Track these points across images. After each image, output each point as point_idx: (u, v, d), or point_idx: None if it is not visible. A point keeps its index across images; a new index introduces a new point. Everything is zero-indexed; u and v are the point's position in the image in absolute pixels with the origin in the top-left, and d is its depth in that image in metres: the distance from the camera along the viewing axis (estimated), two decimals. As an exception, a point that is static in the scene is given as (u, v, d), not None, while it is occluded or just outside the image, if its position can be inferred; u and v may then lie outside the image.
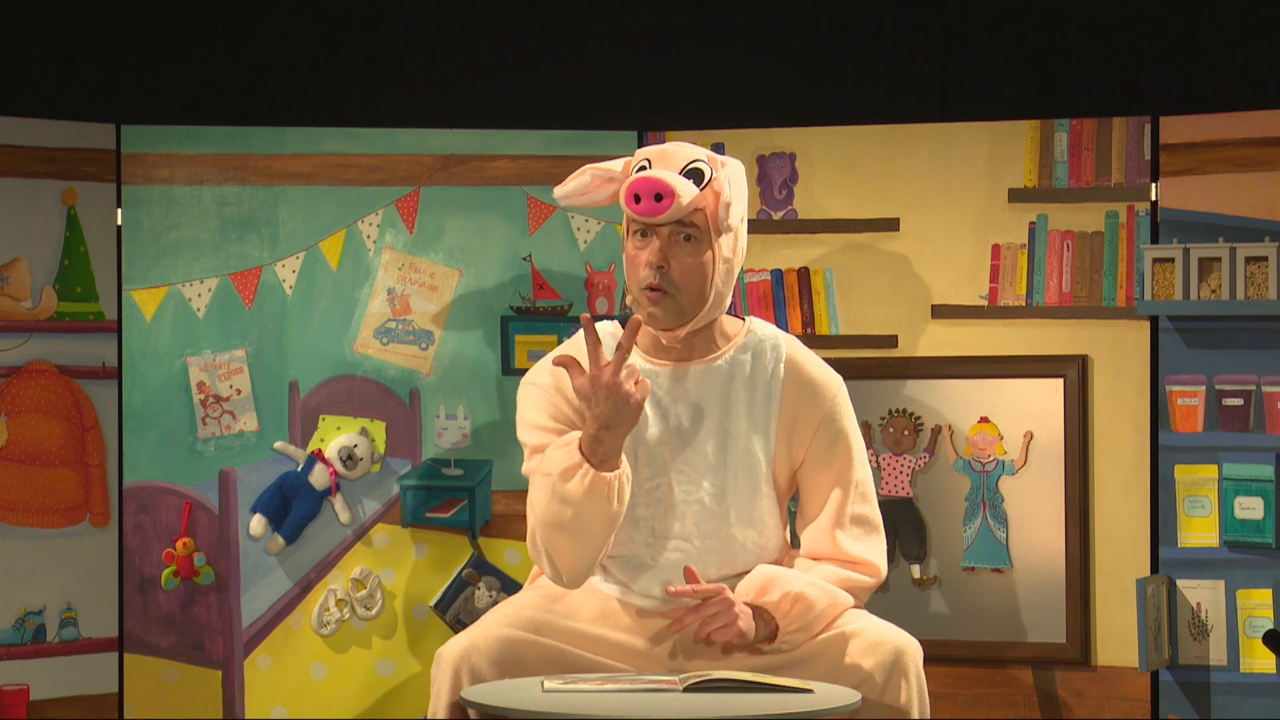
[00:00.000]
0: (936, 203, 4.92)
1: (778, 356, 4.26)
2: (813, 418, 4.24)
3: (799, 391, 4.24)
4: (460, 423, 4.99)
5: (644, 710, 3.71)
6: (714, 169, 4.16)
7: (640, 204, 4.09)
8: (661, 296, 4.14)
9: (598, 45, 5.52)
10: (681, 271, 4.14)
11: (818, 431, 4.24)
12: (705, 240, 4.15)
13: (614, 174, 4.25)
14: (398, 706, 4.97)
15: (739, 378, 4.23)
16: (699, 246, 4.15)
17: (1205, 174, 4.75)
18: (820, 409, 4.25)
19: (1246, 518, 4.71)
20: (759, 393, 4.23)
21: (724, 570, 4.22)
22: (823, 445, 4.24)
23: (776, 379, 4.24)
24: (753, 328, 4.28)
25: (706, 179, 4.14)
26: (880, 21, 5.48)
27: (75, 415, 4.92)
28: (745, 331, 4.28)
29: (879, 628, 4.10)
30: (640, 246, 4.16)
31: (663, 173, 4.12)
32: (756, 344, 4.26)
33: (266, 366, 4.97)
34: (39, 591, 4.87)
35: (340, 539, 4.99)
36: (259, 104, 5.41)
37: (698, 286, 4.16)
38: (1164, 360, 4.78)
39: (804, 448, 4.25)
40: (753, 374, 4.24)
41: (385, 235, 5.01)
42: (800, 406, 4.24)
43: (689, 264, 4.14)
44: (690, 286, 4.15)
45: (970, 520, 4.89)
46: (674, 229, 4.14)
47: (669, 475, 4.20)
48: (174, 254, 4.96)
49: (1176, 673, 4.78)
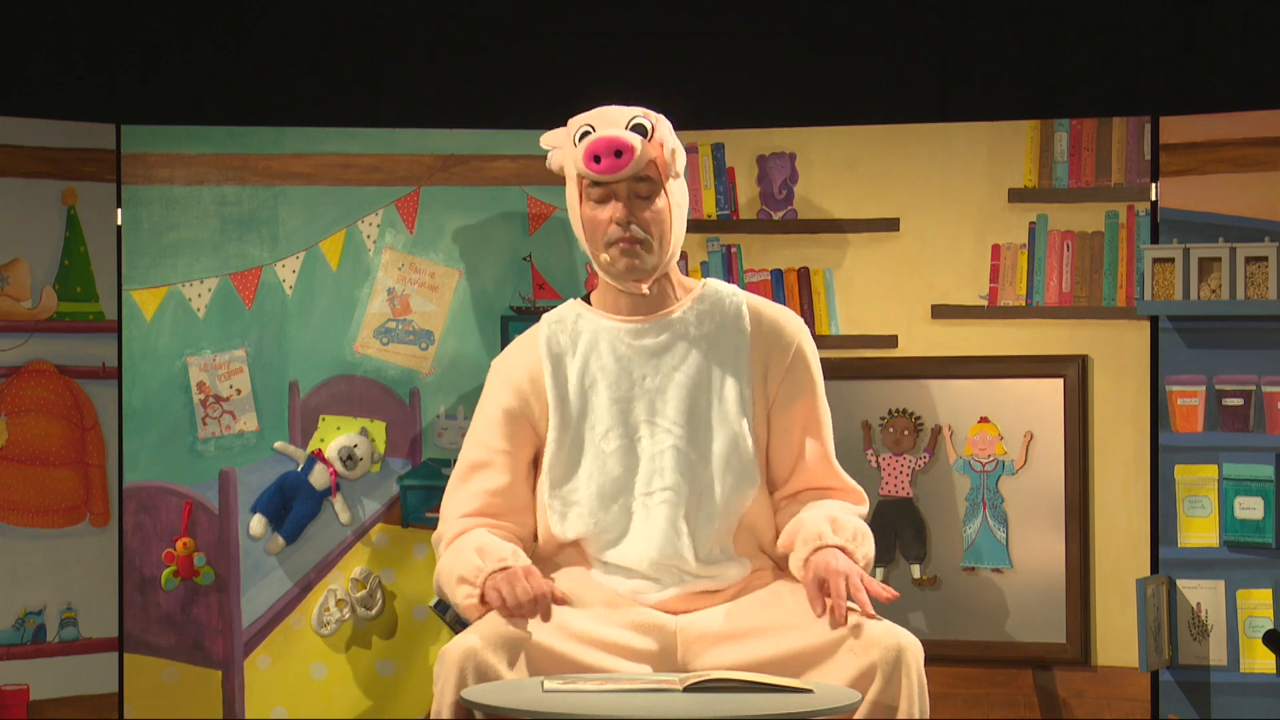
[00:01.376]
0: (936, 203, 4.92)
1: (738, 302, 4.41)
2: (782, 357, 4.38)
3: (764, 330, 4.38)
4: (460, 423, 4.99)
5: (644, 710, 3.71)
6: (652, 121, 4.36)
7: (601, 163, 4.28)
8: (635, 246, 4.31)
9: (598, 45, 5.52)
10: (647, 221, 4.32)
11: (787, 370, 4.38)
12: (659, 187, 4.33)
13: (559, 142, 4.45)
14: (398, 706, 4.97)
15: (701, 325, 4.37)
16: (654, 196, 4.33)
17: (1205, 174, 4.75)
18: (788, 347, 4.38)
19: (1246, 518, 4.71)
20: (726, 338, 4.37)
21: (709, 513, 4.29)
22: (792, 384, 4.38)
23: (741, 321, 4.39)
24: (709, 283, 4.45)
25: (650, 131, 4.34)
26: (880, 21, 5.48)
27: (75, 415, 4.92)
28: (702, 286, 4.44)
29: (880, 625, 4.10)
30: (598, 207, 4.34)
31: (614, 130, 4.31)
32: (714, 294, 4.42)
33: (266, 366, 4.97)
34: (39, 591, 4.87)
35: (340, 539, 4.99)
36: (259, 104, 5.41)
37: (661, 233, 4.33)
38: (1164, 360, 4.78)
39: (775, 386, 4.37)
40: (715, 322, 4.38)
41: (385, 235, 5.01)
42: (770, 345, 4.38)
43: (651, 213, 4.33)
44: (656, 234, 4.33)
45: (970, 520, 4.89)
46: (631, 184, 4.32)
47: (641, 429, 4.33)
48: (174, 254, 4.96)
49: (1176, 673, 4.78)
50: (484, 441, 4.42)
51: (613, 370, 4.35)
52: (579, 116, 4.41)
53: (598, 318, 4.41)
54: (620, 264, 4.33)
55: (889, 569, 4.92)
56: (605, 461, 4.32)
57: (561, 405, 4.37)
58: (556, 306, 4.50)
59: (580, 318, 4.42)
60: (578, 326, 4.41)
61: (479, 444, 4.43)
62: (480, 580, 4.20)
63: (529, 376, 4.41)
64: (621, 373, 4.35)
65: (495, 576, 4.18)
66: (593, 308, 4.44)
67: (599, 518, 4.31)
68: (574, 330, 4.41)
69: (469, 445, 4.46)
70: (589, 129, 4.36)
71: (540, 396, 4.39)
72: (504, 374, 4.45)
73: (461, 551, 4.28)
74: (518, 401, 4.41)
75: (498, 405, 4.42)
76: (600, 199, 4.34)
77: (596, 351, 4.38)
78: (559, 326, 4.43)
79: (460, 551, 4.29)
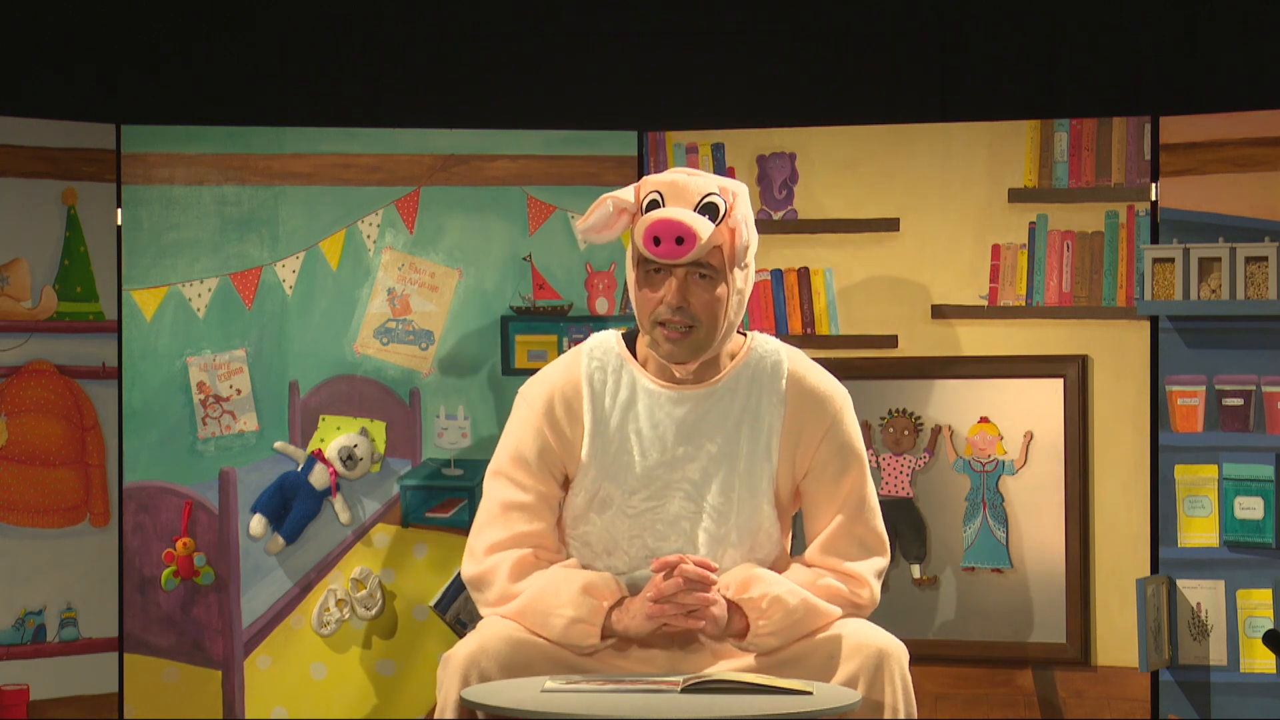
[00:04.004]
0: (936, 203, 4.92)
1: (779, 372, 4.22)
2: (817, 429, 4.21)
3: (802, 403, 4.21)
4: (460, 423, 4.99)
5: (643, 710, 3.71)
6: (727, 201, 4.11)
7: (661, 246, 4.03)
8: (682, 336, 4.11)
9: (598, 45, 5.52)
10: (699, 308, 4.10)
11: (821, 443, 4.21)
12: (721, 275, 4.10)
13: (628, 205, 4.16)
14: (398, 706, 4.97)
15: (741, 396, 4.20)
16: (714, 282, 4.10)
17: (1205, 174, 4.75)
18: (824, 420, 4.21)
19: (1246, 518, 4.71)
20: (762, 409, 4.20)
21: None
22: (826, 458, 4.21)
23: (778, 393, 4.21)
24: (753, 344, 4.25)
25: (721, 214, 4.09)
26: (880, 21, 5.48)
27: (75, 415, 4.92)
28: (746, 349, 4.24)
29: (862, 630, 4.08)
30: (651, 283, 4.11)
31: (681, 213, 4.05)
32: (758, 361, 4.22)
33: (266, 366, 4.97)
34: (39, 591, 4.87)
35: (340, 539, 4.99)
36: (259, 104, 5.41)
37: (714, 320, 4.11)
38: (1164, 360, 4.78)
39: (808, 460, 4.21)
40: (755, 391, 4.20)
41: (385, 235, 5.01)
42: (804, 418, 4.20)
43: (705, 300, 4.10)
44: (707, 322, 4.11)
45: (970, 520, 4.89)
46: (690, 267, 4.09)
47: (670, 496, 4.18)
48: (174, 254, 4.96)
49: (1176, 673, 4.78)
50: (517, 480, 4.21)
51: (647, 435, 4.18)
52: (652, 178, 4.16)
53: (638, 374, 4.22)
54: (664, 347, 4.12)
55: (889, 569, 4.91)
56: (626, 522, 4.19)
57: (596, 437, 4.19)
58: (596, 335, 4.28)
59: (623, 368, 4.22)
60: (619, 377, 4.21)
61: (513, 482, 4.21)
62: (600, 620, 4.08)
63: (565, 402, 4.21)
64: (655, 439, 4.18)
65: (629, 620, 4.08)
66: (635, 359, 4.24)
67: (611, 566, 4.25)
68: (615, 378, 4.21)
69: (501, 482, 4.23)
70: (657, 199, 4.12)
71: (576, 421, 4.20)
72: (536, 402, 4.23)
73: (560, 592, 4.11)
74: (552, 432, 4.20)
75: (531, 438, 4.22)
76: (653, 274, 4.11)
77: (634, 411, 4.19)
78: (600, 368, 4.22)
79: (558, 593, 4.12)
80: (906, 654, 4.07)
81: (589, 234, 4.18)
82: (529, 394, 4.25)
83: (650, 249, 4.04)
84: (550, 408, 4.20)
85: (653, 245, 4.03)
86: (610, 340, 4.25)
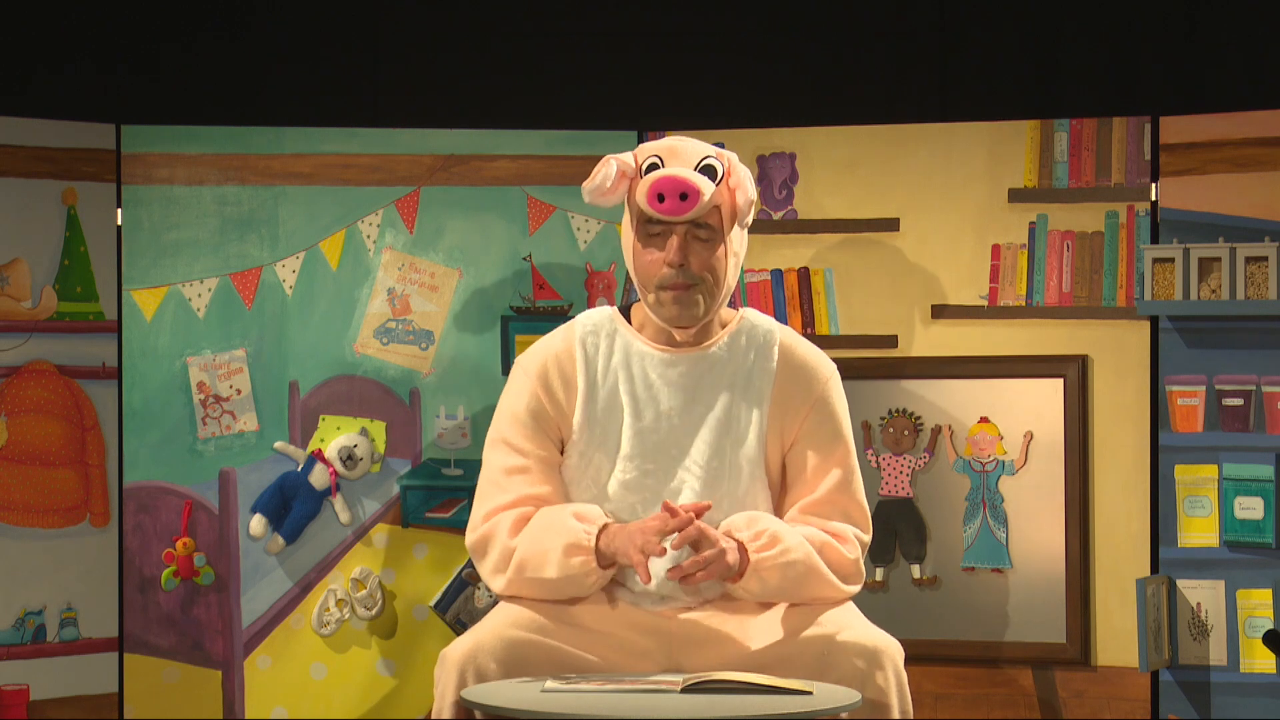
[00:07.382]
0: (936, 203, 4.92)
1: (770, 341, 4.30)
2: (804, 400, 4.28)
3: (792, 374, 4.28)
4: (460, 423, 4.99)
5: (643, 711, 3.72)
6: (723, 164, 4.20)
7: (665, 203, 4.12)
8: (685, 293, 4.18)
9: (598, 45, 5.52)
10: (699, 267, 4.18)
11: (809, 414, 4.28)
12: (719, 235, 4.20)
13: (628, 168, 4.24)
14: (398, 706, 4.97)
15: (732, 363, 4.27)
16: (713, 242, 4.20)
17: (1205, 174, 4.75)
18: (813, 392, 4.29)
19: (1246, 518, 4.71)
20: (753, 377, 4.27)
21: None
22: (812, 428, 4.28)
23: (769, 362, 4.28)
24: (746, 315, 4.33)
25: (720, 175, 4.19)
26: (880, 21, 5.48)
27: (75, 415, 4.92)
28: (739, 319, 4.32)
29: (857, 627, 4.10)
30: (652, 244, 4.20)
31: (683, 171, 4.15)
32: (750, 329, 4.31)
33: (266, 366, 4.97)
34: (39, 591, 4.87)
35: (340, 539, 4.99)
36: (259, 104, 5.41)
37: (715, 280, 4.20)
38: (1164, 360, 4.78)
39: (795, 430, 4.28)
40: (746, 359, 4.28)
41: (385, 235, 5.01)
42: (793, 389, 4.28)
43: (705, 259, 4.19)
44: (708, 281, 4.19)
45: (970, 520, 4.89)
46: (690, 226, 4.17)
47: (661, 461, 4.23)
48: (174, 254, 4.96)
49: (1176, 673, 4.78)
50: (516, 445, 4.27)
51: (641, 397, 4.25)
52: (647, 145, 4.26)
53: (632, 338, 4.30)
54: (669, 310, 4.19)
55: (889, 569, 4.92)
56: (619, 487, 4.24)
57: (589, 401, 4.26)
58: (587, 311, 4.38)
59: (616, 333, 4.30)
60: (612, 341, 4.29)
61: (512, 447, 4.28)
62: (592, 542, 4.12)
63: (559, 367, 4.28)
64: (648, 401, 4.25)
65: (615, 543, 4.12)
66: (630, 326, 4.31)
67: None
68: (608, 342, 4.29)
69: (500, 449, 4.30)
70: (657, 162, 4.20)
71: (570, 386, 4.27)
72: (530, 369, 4.30)
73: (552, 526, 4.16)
74: (547, 396, 4.27)
75: (526, 405, 4.28)
76: (653, 236, 4.19)
77: (627, 372, 4.27)
78: (593, 332, 4.31)
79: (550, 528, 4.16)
80: (901, 652, 4.08)
81: (595, 195, 4.25)
82: (524, 362, 4.33)
83: (654, 206, 4.13)
84: (545, 372, 4.29)
85: (656, 202, 4.12)
86: (605, 310, 4.35)
